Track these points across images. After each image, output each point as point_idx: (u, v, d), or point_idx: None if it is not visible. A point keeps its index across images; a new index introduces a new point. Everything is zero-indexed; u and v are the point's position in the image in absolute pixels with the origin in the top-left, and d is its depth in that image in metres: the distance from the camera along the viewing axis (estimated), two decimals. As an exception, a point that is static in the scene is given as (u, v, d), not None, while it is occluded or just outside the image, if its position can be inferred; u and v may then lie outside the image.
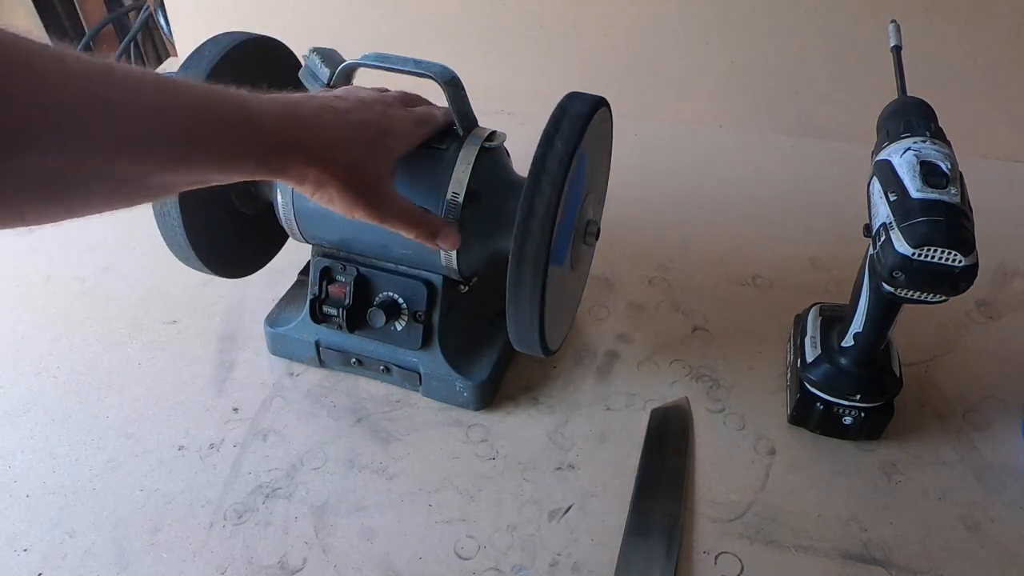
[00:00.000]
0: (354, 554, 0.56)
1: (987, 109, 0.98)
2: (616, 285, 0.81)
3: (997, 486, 0.62)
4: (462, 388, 0.65)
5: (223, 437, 0.64)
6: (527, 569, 0.56)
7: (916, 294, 0.52)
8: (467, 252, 0.59)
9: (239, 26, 0.65)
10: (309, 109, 0.47)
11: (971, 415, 0.68)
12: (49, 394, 0.67)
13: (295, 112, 0.46)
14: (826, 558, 0.57)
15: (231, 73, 0.60)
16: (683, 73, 1.04)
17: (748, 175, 0.98)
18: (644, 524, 0.58)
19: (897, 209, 0.51)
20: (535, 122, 0.54)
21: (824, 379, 0.62)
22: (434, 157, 0.58)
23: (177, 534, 0.57)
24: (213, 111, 0.40)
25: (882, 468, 0.63)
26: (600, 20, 1.02)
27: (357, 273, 0.63)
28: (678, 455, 0.63)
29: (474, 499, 0.60)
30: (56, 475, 0.61)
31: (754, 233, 0.88)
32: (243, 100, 0.43)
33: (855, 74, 0.98)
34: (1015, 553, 0.57)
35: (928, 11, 0.92)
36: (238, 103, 0.42)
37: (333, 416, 0.66)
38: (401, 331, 0.64)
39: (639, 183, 0.94)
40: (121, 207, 0.38)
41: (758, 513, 0.60)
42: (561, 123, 0.53)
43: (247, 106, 0.42)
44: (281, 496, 0.60)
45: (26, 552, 0.56)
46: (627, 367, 0.72)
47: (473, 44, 1.07)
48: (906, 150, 0.54)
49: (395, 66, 0.56)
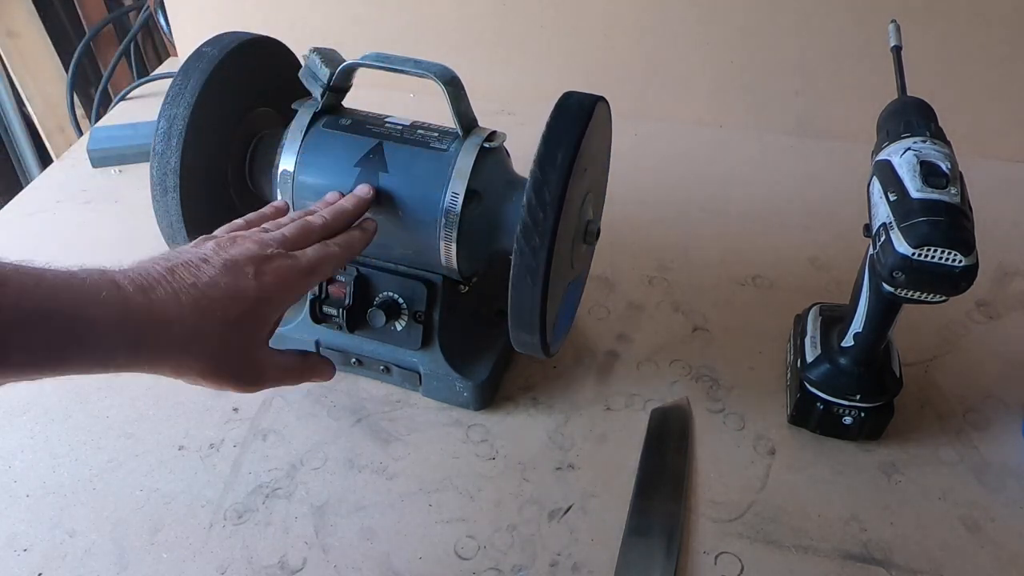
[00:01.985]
0: (354, 554, 0.56)
1: (987, 109, 0.98)
2: (616, 285, 0.81)
3: (997, 486, 0.62)
4: (462, 388, 0.65)
5: (223, 437, 0.64)
6: (527, 569, 0.56)
7: (916, 294, 0.52)
8: (467, 252, 0.59)
9: (239, 26, 0.65)
10: (161, 296, 0.41)
11: (971, 415, 0.68)
12: (49, 394, 0.67)
13: (140, 308, 0.40)
14: (826, 558, 0.57)
15: (231, 73, 0.60)
16: (683, 73, 1.04)
17: (748, 175, 0.98)
18: (644, 524, 0.58)
19: (897, 209, 0.51)
20: (535, 122, 0.54)
21: (824, 379, 0.62)
22: (434, 157, 0.58)
23: (177, 534, 0.57)
24: (42, 312, 0.36)
25: (882, 468, 0.63)
26: (600, 20, 1.02)
27: (357, 273, 0.63)
28: (678, 455, 0.63)
29: (474, 499, 0.60)
30: (56, 475, 0.61)
31: (754, 233, 0.88)
32: (78, 297, 0.38)
33: (855, 74, 0.98)
34: (1015, 553, 0.57)
35: (928, 11, 0.92)
36: (72, 302, 0.38)
37: (333, 416, 0.66)
38: (401, 331, 0.64)
39: (639, 183, 0.94)
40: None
41: (758, 513, 0.60)
42: (560, 123, 0.53)
43: (81, 305, 0.38)
44: (281, 496, 0.60)
45: (26, 552, 0.56)
46: (627, 367, 0.72)
47: (473, 44, 1.07)
48: (906, 150, 0.54)
49: (395, 66, 0.56)
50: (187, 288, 0.42)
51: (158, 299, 0.41)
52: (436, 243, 0.58)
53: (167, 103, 0.58)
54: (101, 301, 0.38)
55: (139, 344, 0.40)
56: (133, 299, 0.40)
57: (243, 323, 0.44)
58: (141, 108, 1.08)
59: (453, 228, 0.57)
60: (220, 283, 0.43)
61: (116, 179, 0.95)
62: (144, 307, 0.40)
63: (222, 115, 0.61)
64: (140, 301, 0.40)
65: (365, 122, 0.61)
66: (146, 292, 0.40)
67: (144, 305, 0.40)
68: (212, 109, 0.59)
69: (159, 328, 0.40)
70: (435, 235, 0.58)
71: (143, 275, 0.41)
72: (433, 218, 0.57)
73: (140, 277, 0.41)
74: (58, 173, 0.96)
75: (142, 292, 0.40)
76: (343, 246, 0.52)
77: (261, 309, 0.45)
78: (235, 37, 0.62)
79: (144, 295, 0.40)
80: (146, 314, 0.40)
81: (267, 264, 0.46)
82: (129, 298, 0.40)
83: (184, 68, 0.59)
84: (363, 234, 0.55)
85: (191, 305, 0.42)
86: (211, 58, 0.59)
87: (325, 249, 0.50)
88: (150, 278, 0.41)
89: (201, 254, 0.45)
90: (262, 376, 0.47)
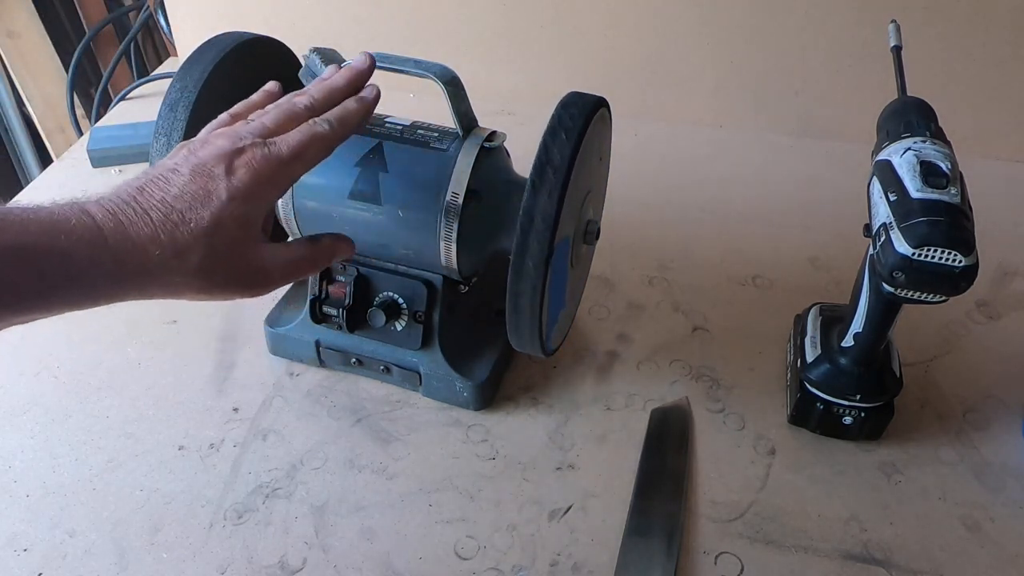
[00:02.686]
0: (354, 554, 0.56)
1: (987, 109, 0.98)
2: (616, 285, 0.81)
3: (997, 486, 0.62)
4: (462, 388, 0.65)
5: (223, 437, 0.64)
6: (527, 569, 0.56)
7: (916, 294, 0.52)
8: (467, 252, 0.59)
9: (239, 26, 0.65)
10: (131, 218, 0.40)
11: (971, 415, 0.68)
12: (49, 394, 0.67)
13: (113, 232, 0.39)
14: (826, 558, 0.57)
15: (231, 73, 0.60)
16: (683, 73, 1.04)
17: (748, 175, 0.98)
18: (644, 524, 0.58)
19: (897, 209, 0.51)
20: (535, 122, 0.54)
21: (824, 379, 0.62)
22: (434, 157, 0.58)
23: (177, 534, 0.57)
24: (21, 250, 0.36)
25: (882, 468, 0.63)
26: (600, 20, 1.02)
27: (357, 273, 0.63)
28: (678, 455, 0.63)
29: (474, 499, 0.60)
30: (56, 475, 0.61)
31: (754, 233, 0.88)
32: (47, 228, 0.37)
33: (855, 74, 0.98)
34: (1015, 553, 0.57)
35: (928, 11, 0.92)
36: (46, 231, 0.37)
37: (333, 416, 0.66)
38: (401, 331, 0.64)
39: (639, 183, 0.94)
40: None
41: (758, 513, 0.60)
42: (561, 123, 0.53)
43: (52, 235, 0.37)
44: (281, 496, 0.60)
45: (26, 552, 0.56)
46: (627, 367, 0.72)
47: (473, 44, 1.07)
48: (906, 150, 0.54)
49: (395, 66, 0.56)
50: (156, 205, 0.40)
51: (129, 221, 0.39)
52: (436, 243, 0.58)
53: (167, 103, 0.58)
54: (71, 230, 0.37)
55: (119, 271, 0.39)
56: (104, 224, 0.39)
57: (222, 227, 0.41)
58: (141, 108, 1.08)
59: (453, 228, 0.57)
60: (187, 192, 0.41)
61: (116, 179, 0.95)
62: (116, 231, 0.39)
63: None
64: (111, 226, 0.39)
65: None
66: (116, 216, 0.39)
67: (116, 229, 0.39)
68: (212, 109, 0.59)
69: (135, 251, 0.39)
70: (435, 235, 0.58)
71: (114, 200, 0.40)
72: (433, 218, 0.57)
73: (110, 202, 0.40)
74: (58, 173, 0.96)
75: (112, 216, 0.39)
76: (335, 121, 0.46)
77: (237, 209, 0.42)
78: (235, 37, 0.62)
79: (114, 219, 0.39)
80: (120, 238, 0.39)
81: (238, 158, 0.43)
82: (100, 224, 0.38)
83: (184, 68, 0.59)
84: (360, 105, 0.48)
85: (161, 221, 0.40)
86: (211, 58, 0.59)
87: (310, 129, 0.45)
88: (120, 201, 0.40)
89: (172, 164, 0.43)
90: (267, 275, 0.45)
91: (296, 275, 0.47)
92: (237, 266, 0.43)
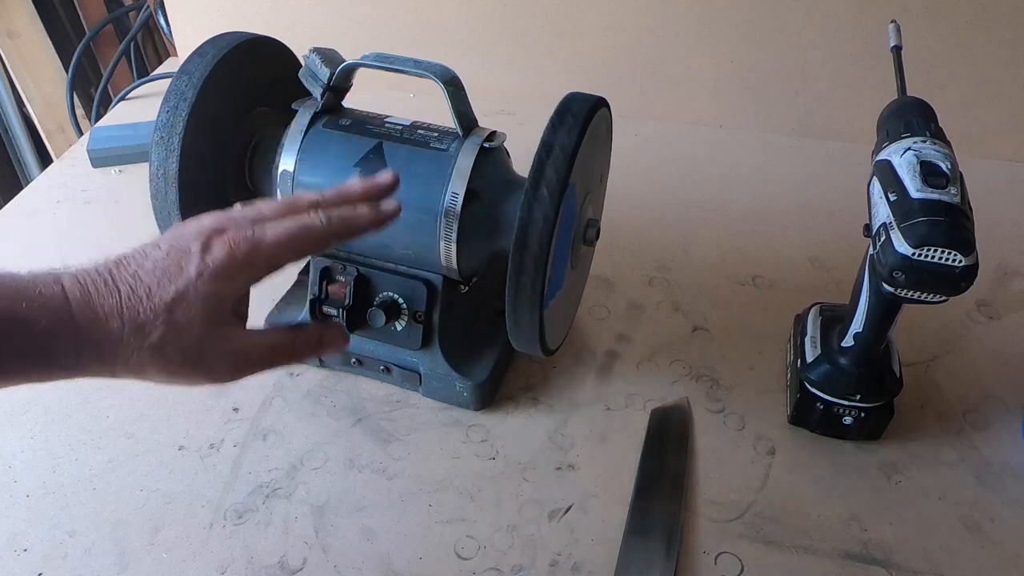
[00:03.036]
0: (354, 554, 0.56)
1: (987, 109, 0.98)
2: (616, 285, 0.81)
3: (997, 486, 0.62)
4: (462, 388, 0.65)
5: (223, 437, 0.64)
6: (527, 569, 0.56)
7: (916, 294, 0.52)
8: (467, 252, 0.59)
9: (239, 26, 0.65)
10: (100, 290, 0.38)
11: (971, 415, 0.68)
12: (49, 394, 0.67)
13: (79, 304, 0.37)
14: (826, 558, 0.57)
15: (231, 73, 0.60)
16: (683, 73, 1.04)
17: (748, 175, 0.98)
18: (644, 524, 0.58)
19: (897, 209, 0.51)
20: (535, 122, 0.54)
21: (824, 379, 0.62)
22: (434, 157, 0.58)
23: (177, 534, 0.57)
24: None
25: (882, 468, 0.63)
26: (600, 20, 1.02)
27: (357, 273, 0.63)
28: (678, 455, 0.63)
29: (474, 499, 0.60)
30: (56, 475, 0.61)
31: (754, 233, 0.88)
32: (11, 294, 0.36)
33: (855, 74, 0.98)
34: (1015, 553, 0.57)
35: (928, 11, 0.92)
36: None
37: (333, 416, 0.66)
38: (401, 331, 0.64)
39: (639, 183, 0.94)
40: None
41: (758, 513, 0.60)
42: (561, 124, 0.53)
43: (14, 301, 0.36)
44: (281, 496, 0.60)
45: (26, 552, 0.56)
46: (627, 367, 0.72)
47: (473, 44, 1.07)
48: (906, 150, 0.54)
49: (395, 66, 0.56)
50: (127, 278, 0.39)
51: (97, 293, 0.38)
52: (436, 243, 0.58)
53: (167, 103, 0.58)
54: (34, 297, 0.36)
55: (78, 343, 0.37)
56: (72, 294, 0.37)
57: (184, 303, 0.39)
58: (141, 108, 1.08)
59: (453, 228, 0.57)
60: (160, 266, 0.39)
61: (116, 179, 0.95)
62: (82, 302, 0.37)
63: (222, 115, 0.61)
64: (78, 296, 0.37)
65: (365, 122, 0.61)
66: (85, 287, 0.38)
67: (82, 300, 0.37)
68: (212, 109, 0.59)
69: (96, 323, 0.37)
70: (435, 235, 0.58)
71: (90, 271, 0.38)
72: (433, 218, 0.57)
73: (85, 273, 0.38)
74: (58, 173, 0.96)
75: (81, 287, 0.37)
76: (335, 218, 0.44)
77: (204, 286, 0.39)
78: (235, 37, 0.62)
79: (83, 289, 0.37)
80: (83, 309, 0.37)
81: (218, 237, 0.41)
82: (68, 293, 0.37)
83: (184, 68, 0.59)
84: (371, 211, 0.45)
85: (128, 295, 0.38)
86: (211, 58, 0.59)
87: (301, 219, 0.43)
88: (95, 273, 0.38)
89: (157, 239, 0.42)
90: (235, 362, 0.42)
91: (268, 365, 0.44)
92: (199, 348, 0.40)
